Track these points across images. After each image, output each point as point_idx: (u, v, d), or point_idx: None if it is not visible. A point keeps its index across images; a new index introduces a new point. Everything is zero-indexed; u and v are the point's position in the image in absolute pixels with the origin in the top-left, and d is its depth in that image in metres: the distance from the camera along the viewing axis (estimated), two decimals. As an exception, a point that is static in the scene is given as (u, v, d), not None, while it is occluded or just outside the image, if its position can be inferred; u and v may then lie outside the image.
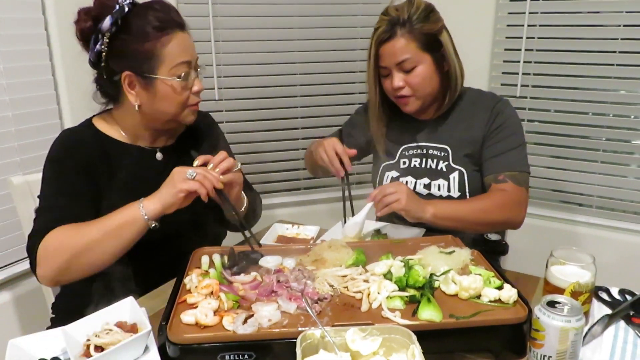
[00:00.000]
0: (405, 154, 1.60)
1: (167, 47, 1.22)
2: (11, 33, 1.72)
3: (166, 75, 1.23)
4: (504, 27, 2.30)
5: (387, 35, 1.43)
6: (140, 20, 1.22)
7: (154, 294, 1.21)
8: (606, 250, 2.13)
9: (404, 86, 1.46)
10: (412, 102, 1.49)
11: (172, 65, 1.23)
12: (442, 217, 1.37)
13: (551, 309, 0.86)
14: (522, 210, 1.47)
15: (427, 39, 1.43)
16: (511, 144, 1.49)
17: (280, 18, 2.32)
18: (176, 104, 1.27)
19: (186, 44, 1.26)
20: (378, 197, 1.35)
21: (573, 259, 1.03)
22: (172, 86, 1.24)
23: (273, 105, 2.42)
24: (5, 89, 1.72)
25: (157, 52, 1.22)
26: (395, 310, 0.95)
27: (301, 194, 2.57)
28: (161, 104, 1.27)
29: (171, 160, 1.37)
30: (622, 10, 2.06)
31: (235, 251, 1.19)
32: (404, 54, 1.42)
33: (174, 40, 1.23)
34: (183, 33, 1.26)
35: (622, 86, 2.15)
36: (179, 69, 1.24)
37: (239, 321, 0.91)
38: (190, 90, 1.28)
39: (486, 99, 1.56)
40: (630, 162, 2.19)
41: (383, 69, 1.48)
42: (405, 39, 1.42)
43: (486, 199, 1.46)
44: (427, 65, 1.45)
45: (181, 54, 1.24)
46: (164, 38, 1.22)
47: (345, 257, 1.15)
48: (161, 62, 1.22)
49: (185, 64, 1.25)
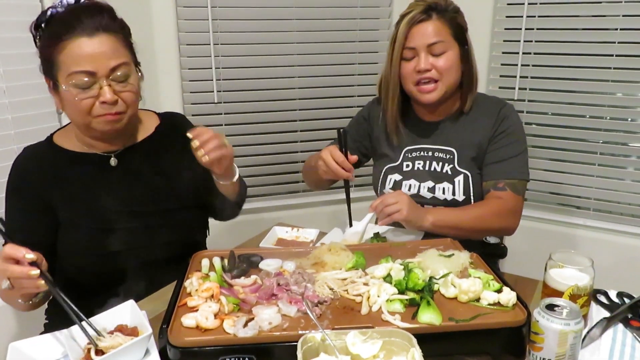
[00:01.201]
0: (409, 156, 1.60)
1: (62, 53, 1.16)
2: (10, 36, 1.72)
3: (63, 83, 1.17)
4: (501, 30, 2.31)
5: (422, 17, 1.44)
6: (51, 25, 1.20)
7: (153, 297, 1.21)
8: (604, 253, 2.14)
9: (431, 69, 1.45)
10: (437, 90, 1.47)
11: (67, 73, 1.15)
12: (441, 226, 1.40)
13: (550, 312, 0.87)
14: (516, 218, 1.50)
15: (459, 29, 1.47)
16: (513, 151, 1.50)
17: (279, 21, 2.32)
18: (78, 113, 1.19)
19: (85, 52, 1.14)
20: (379, 208, 1.37)
21: (571, 262, 1.04)
22: (69, 94, 1.17)
23: (272, 108, 2.43)
24: (5, 92, 1.72)
25: (55, 58, 1.17)
26: (395, 313, 0.96)
27: (300, 196, 2.58)
28: (68, 111, 1.23)
29: (127, 165, 1.33)
30: (619, 14, 2.07)
31: (236, 254, 1.20)
32: (439, 36, 1.44)
33: (70, 47, 1.15)
34: (87, 39, 1.15)
35: (619, 89, 2.16)
36: (74, 77, 1.15)
37: (239, 324, 0.91)
38: (97, 99, 1.17)
39: (492, 103, 1.57)
40: (628, 164, 2.20)
41: (409, 50, 1.46)
42: (441, 23, 1.44)
43: (483, 207, 1.47)
44: (455, 54, 1.47)
45: (75, 63, 1.15)
46: (61, 44, 1.15)
47: (345, 260, 1.16)
48: (58, 68, 1.17)
49: (82, 73, 1.15)
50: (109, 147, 1.31)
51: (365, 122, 1.72)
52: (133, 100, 1.24)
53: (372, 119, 1.70)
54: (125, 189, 1.31)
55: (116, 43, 1.19)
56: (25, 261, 0.96)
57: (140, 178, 1.33)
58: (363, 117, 1.74)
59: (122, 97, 1.20)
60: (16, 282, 0.98)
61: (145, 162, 1.34)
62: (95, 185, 1.29)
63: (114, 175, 1.31)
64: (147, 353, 0.93)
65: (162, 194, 1.34)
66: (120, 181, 1.31)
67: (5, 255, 0.97)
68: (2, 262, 0.97)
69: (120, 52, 1.19)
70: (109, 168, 1.31)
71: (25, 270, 0.96)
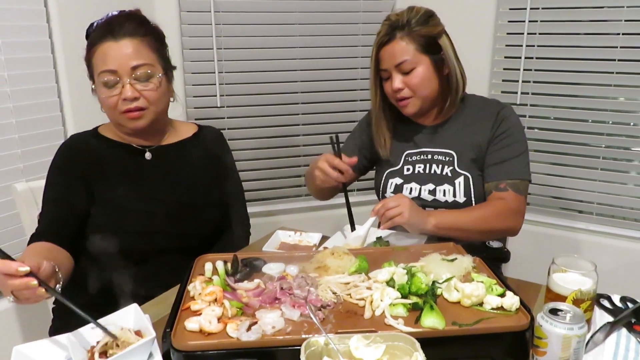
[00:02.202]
0: (409, 160, 1.61)
1: (94, 56, 1.34)
2: (15, 40, 1.73)
3: (95, 83, 1.35)
4: (504, 35, 2.31)
5: (387, 38, 1.48)
6: (92, 34, 1.37)
7: (157, 300, 1.21)
8: (607, 257, 2.13)
9: (404, 87, 1.49)
10: (411, 104, 1.51)
11: (97, 72, 1.33)
12: (444, 228, 1.40)
13: (554, 317, 0.87)
14: (520, 218, 1.50)
15: (425, 41, 1.47)
16: (514, 152, 1.50)
17: (282, 26, 2.34)
18: (107, 108, 1.36)
19: (110, 54, 1.31)
20: (381, 211, 1.37)
21: (575, 266, 1.04)
22: (100, 91, 1.34)
23: (274, 112, 2.43)
24: (9, 96, 1.73)
25: (90, 61, 1.35)
26: (398, 317, 0.96)
27: (303, 200, 2.58)
28: (104, 109, 1.38)
29: (160, 159, 1.45)
30: (621, 19, 2.07)
31: (239, 258, 1.20)
32: (403, 56, 1.46)
33: (99, 50, 1.32)
34: (113, 42, 1.31)
35: (622, 94, 2.16)
36: (102, 77, 1.31)
37: (242, 328, 0.91)
38: (119, 97, 1.32)
39: (491, 105, 1.58)
40: (630, 169, 2.20)
41: (384, 71, 1.52)
42: (404, 42, 1.46)
43: (486, 208, 1.47)
44: (425, 67, 1.48)
45: (103, 63, 1.31)
46: (93, 48, 1.33)
47: (347, 264, 1.16)
48: (93, 70, 1.35)
49: (107, 73, 1.31)
50: (142, 142, 1.45)
51: (368, 128, 1.73)
52: (155, 98, 1.35)
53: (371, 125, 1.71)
54: (156, 177, 1.43)
55: (139, 46, 1.33)
56: (20, 274, 0.96)
57: (171, 172, 1.46)
58: (366, 122, 1.75)
59: (144, 95, 1.33)
60: (19, 294, 1.00)
61: (177, 161, 1.48)
62: (130, 171, 1.42)
63: (148, 165, 1.44)
64: (151, 356, 0.93)
65: (188, 189, 1.45)
66: (152, 171, 1.44)
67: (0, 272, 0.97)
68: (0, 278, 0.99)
69: (142, 53, 1.33)
70: (144, 161, 1.44)
71: (23, 282, 0.97)
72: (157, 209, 1.40)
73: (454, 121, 1.58)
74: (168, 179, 1.44)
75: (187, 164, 1.48)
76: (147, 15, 1.40)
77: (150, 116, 1.36)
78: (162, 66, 1.38)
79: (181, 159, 1.48)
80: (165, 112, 1.44)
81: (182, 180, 1.46)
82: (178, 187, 1.45)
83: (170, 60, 1.43)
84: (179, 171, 1.46)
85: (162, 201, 1.41)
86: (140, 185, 1.41)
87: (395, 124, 1.64)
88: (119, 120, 1.37)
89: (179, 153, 1.48)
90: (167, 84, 1.40)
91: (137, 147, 1.44)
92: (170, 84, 1.43)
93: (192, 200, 1.44)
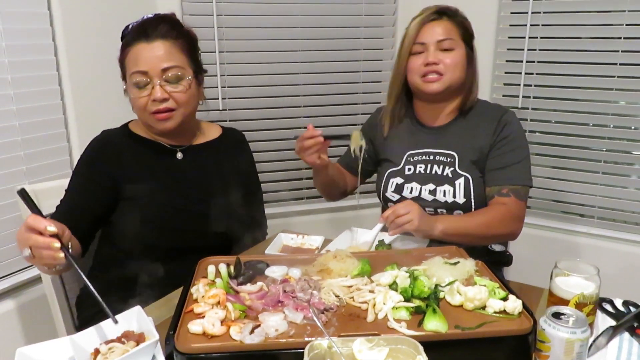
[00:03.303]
0: (411, 160, 1.62)
1: (127, 57, 1.38)
2: (18, 43, 1.73)
3: (127, 83, 1.40)
4: (505, 38, 2.32)
5: (434, 17, 1.53)
6: (126, 35, 1.41)
7: (160, 303, 1.22)
8: (608, 261, 2.13)
9: (439, 63, 1.51)
10: (439, 82, 1.52)
11: (129, 74, 1.37)
12: (450, 234, 1.42)
13: (556, 321, 0.87)
14: (520, 223, 1.53)
15: (466, 33, 1.55)
16: (516, 157, 1.52)
17: (284, 29, 2.34)
18: (137, 109, 1.40)
19: (142, 55, 1.35)
20: (391, 218, 1.39)
21: (577, 270, 1.04)
22: (131, 92, 1.39)
23: (276, 115, 2.44)
24: (12, 98, 1.73)
25: (124, 62, 1.40)
26: (401, 320, 0.96)
27: (305, 203, 2.58)
28: (133, 108, 1.42)
29: (191, 160, 1.49)
30: (622, 23, 2.08)
31: (242, 261, 1.20)
32: (448, 34, 1.51)
33: (132, 51, 1.36)
34: (146, 44, 1.35)
35: (623, 97, 2.16)
36: (133, 77, 1.36)
37: (246, 331, 0.92)
38: (149, 97, 1.35)
39: (493, 109, 1.60)
40: (631, 172, 2.20)
41: (419, 45, 1.53)
42: (451, 24, 1.53)
43: (489, 214, 1.49)
44: (462, 53, 1.53)
45: (135, 64, 1.36)
46: (127, 49, 1.38)
47: (350, 267, 1.16)
48: (126, 70, 1.40)
49: (139, 73, 1.35)
50: (172, 142, 1.49)
51: (369, 130, 1.75)
52: (184, 100, 1.39)
53: (374, 126, 1.74)
54: (186, 177, 1.47)
55: (171, 48, 1.37)
56: (47, 233, 0.99)
57: (202, 171, 1.50)
58: (368, 124, 1.79)
59: (173, 97, 1.37)
60: (37, 251, 1.01)
61: (207, 161, 1.52)
62: (162, 169, 1.46)
63: (179, 165, 1.48)
64: (154, 359, 0.93)
65: (219, 189, 1.48)
66: (184, 170, 1.48)
67: (27, 225, 1.01)
68: (25, 231, 1.01)
69: (174, 56, 1.37)
70: (175, 160, 1.48)
71: (47, 241, 0.98)
72: (191, 207, 1.44)
73: (456, 123, 1.60)
74: (200, 179, 1.48)
75: (217, 164, 1.52)
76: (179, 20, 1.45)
77: (179, 118, 1.40)
78: (192, 69, 1.41)
79: (211, 159, 1.52)
80: (194, 113, 1.48)
81: (212, 180, 1.49)
82: (209, 187, 1.48)
83: (201, 63, 1.47)
84: (210, 171, 1.51)
85: (194, 200, 1.45)
86: (173, 184, 1.44)
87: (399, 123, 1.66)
88: (148, 121, 1.41)
89: (209, 153, 1.53)
90: (196, 86, 1.43)
91: (168, 147, 1.48)
92: (201, 86, 1.47)
93: (222, 201, 1.47)
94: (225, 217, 1.46)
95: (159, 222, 1.40)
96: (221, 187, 1.49)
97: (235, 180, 1.53)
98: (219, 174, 1.52)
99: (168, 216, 1.41)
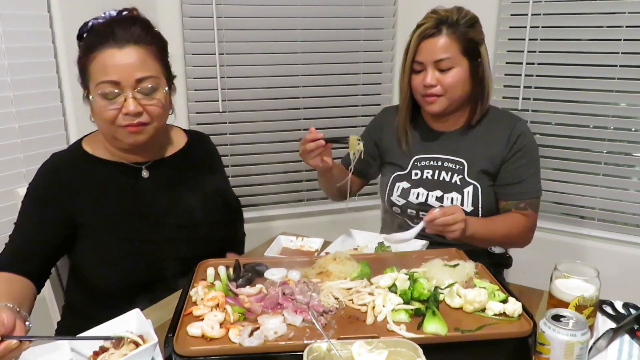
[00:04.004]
0: (418, 165, 1.60)
1: (92, 63, 1.20)
2: (18, 45, 1.74)
3: (92, 93, 1.21)
4: (505, 40, 2.32)
5: (432, 32, 1.45)
6: (88, 35, 1.24)
7: (159, 305, 1.21)
8: (609, 263, 2.13)
9: (436, 85, 1.47)
10: (438, 102, 1.49)
11: (95, 83, 1.19)
12: (475, 239, 1.42)
13: (556, 323, 0.87)
14: (533, 233, 1.56)
15: (469, 44, 1.46)
16: (531, 169, 1.52)
17: (284, 31, 2.34)
18: (103, 122, 1.22)
19: (112, 62, 1.18)
20: (437, 224, 1.32)
21: (577, 272, 1.04)
22: (96, 103, 1.21)
23: (276, 117, 2.44)
24: (12, 100, 1.74)
25: (87, 68, 1.22)
26: (400, 323, 0.96)
27: (303, 205, 2.58)
28: (97, 121, 1.26)
29: (158, 177, 1.35)
30: (623, 25, 2.08)
31: (241, 263, 1.20)
32: (445, 53, 1.44)
33: (100, 57, 1.18)
34: (117, 49, 1.18)
35: (623, 99, 2.16)
36: (101, 87, 1.18)
37: (245, 333, 0.91)
38: (120, 111, 1.19)
39: (505, 116, 1.58)
40: (632, 174, 2.19)
41: (418, 64, 1.49)
42: (449, 39, 1.44)
43: (512, 224, 1.51)
44: (463, 69, 1.47)
45: (103, 73, 1.18)
46: (92, 54, 1.19)
47: (350, 269, 1.16)
48: (89, 78, 1.21)
49: (109, 84, 1.18)
50: (137, 158, 1.33)
51: (374, 131, 1.73)
52: (158, 114, 1.25)
53: (381, 127, 1.71)
54: (155, 200, 1.33)
55: (145, 55, 1.21)
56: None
57: (170, 190, 1.35)
58: (373, 125, 1.76)
59: (147, 110, 1.22)
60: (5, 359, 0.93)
61: (174, 176, 1.37)
62: (126, 194, 1.30)
63: (145, 186, 1.32)
64: (153, 362, 0.93)
65: (189, 209, 1.35)
66: (150, 192, 1.32)
67: None
68: None
69: (148, 64, 1.21)
70: (141, 179, 1.33)
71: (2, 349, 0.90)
72: (159, 236, 1.29)
73: (467, 130, 1.57)
74: (168, 198, 1.34)
75: (185, 179, 1.39)
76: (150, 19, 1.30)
77: (152, 132, 1.25)
78: (166, 78, 1.27)
79: (179, 173, 1.38)
80: (165, 125, 1.34)
81: (183, 197, 1.35)
82: (181, 206, 1.34)
83: (171, 70, 1.32)
84: (179, 188, 1.36)
85: (164, 224, 1.31)
86: (137, 209, 1.30)
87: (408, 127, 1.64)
88: (116, 134, 1.24)
89: (178, 166, 1.39)
90: (169, 96, 1.29)
91: (132, 165, 1.32)
92: (172, 96, 1.32)
93: (196, 220, 1.34)
94: (202, 238, 1.35)
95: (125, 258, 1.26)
96: (194, 203, 1.35)
97: (211, 191, 1.40)
98: (191, 188, 1.38)
99: (134, 250, 1.27)
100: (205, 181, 1.41)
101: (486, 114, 1.57)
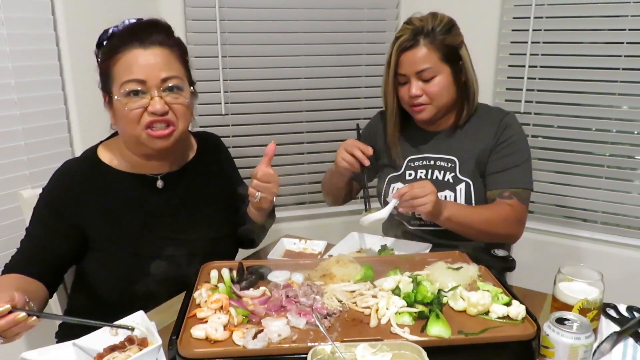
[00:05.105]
0: (411, 165, 1.62)
1: (117, 65, 1.20)
2: (22, 48, 1.74)
3: (116, 94, 1.20)
4: (507, 43, 2.32)
5: (410, 44, 1.46)
6: (110, 41, 1.24)
7: (163, 307, 1.22)
8: (612, 266, 2.12)
9: (422, 95, 1.49)
10: (427, 110, 1.51)
11: (120, 82, 1.19)
12: (453, 222, 1.42)
13: (560, 326, 0.87)
14: (521, 227, 1.52)
15: (448, 50, 1.47)
16: (517, 160, 1.51)
17: (287, 34, 2.35)
18: (128, 123, 1.21)
19: (138, 62, 1.18)
20: (406, 198, 1.35)
21: (581, 275, 1.04)
22: (120, 103, 1.20)
23: (279, 120, 2.44)
24: (16, 103, 1.74)
25: (110, 70, 1.21)
26: (404, 326, 0.96)
27: (306, 207, 2.58)
28: (121, 124, 1.24)
29: (175, 187, 1.34)
30: (625, 28, 2.08)
31: (244, 266, 1.20)
32: (425, 63, 1.45)
33: (124, 58, 1.19)
34: (141, 50, 1.19)
35: (626, 102, 2.16)
36: (127, 86, 1.18)
37: (249, 336, 0.92)
38: (145, 110, 1.19)
39: (493, 112, 1.59)
40: (634, 177, 2.19)
41: (401, 76, 1.51)
42: (427, 49, 1.45)
43: (493, 211, 1.48)
44: (445, 76, 1.48)
45: (128, 72, 1.18)
46: (116, 56, 1.20)
47: (353, 272, 1.16)
48: (113, 80, 1.21)
49: (133, 82, 1.18)
50: (158, 167, 1.32)
51: (369, 135, 1.75)
52: (184, 113, 1.24)
53: (374, 131, 1.74)
54: (171, 214, 1.32)
55: (170, 57, 1.22)
56: (2, 314, 0.92)
57: (185, 204, 1.35)
58: (368, 129, 1.78)
59: (173, 109, 1.22)
60: (7, 333, 0.94)
61: (189, 187, 1.36)
62: (140, 208, 1.29)
63: (160, 199, 1.32)
64: (157, 364, 0.93)
65: (204, 222, 1.35)
66: (165, 206, 1.32)
67: None
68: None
69: (173, 65, 1.22)
70: (156, 191, 1.32)
71: (10, 320, 0.92)
72: (171, 251, 1.27)
73: (457, 128, 1.59)
74: (183, 212, 1.33)
75: (199, 188, 1.38)
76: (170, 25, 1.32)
77: (177, 135, 1.24)
78: (188, 81, 1.27)
79: (193, 183, 1.37)
80: (187, 131, 1.34)
81: (198, 210, 1.35)
82: (196, 220, 1.34)
83: (192, 75, 1.33)
84: (193, 200, 1.36)
85: (181, 240, 1.30)
86: (150, 224, 1.28)
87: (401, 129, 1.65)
88: (140, 138, 1.22)
89: (190, 176, 1.37)
90: (192, 100, 1.28)
91: (148, 176, 1.31)
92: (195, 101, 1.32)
93: (211, 233, 1.35)
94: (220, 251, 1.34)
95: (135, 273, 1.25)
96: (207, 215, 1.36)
97: (226, 193, 1.42)
98: (203, 199, 1.37)
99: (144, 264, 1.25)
100: (218, 189, 1.42)
101: (475, 112, 1.59)
